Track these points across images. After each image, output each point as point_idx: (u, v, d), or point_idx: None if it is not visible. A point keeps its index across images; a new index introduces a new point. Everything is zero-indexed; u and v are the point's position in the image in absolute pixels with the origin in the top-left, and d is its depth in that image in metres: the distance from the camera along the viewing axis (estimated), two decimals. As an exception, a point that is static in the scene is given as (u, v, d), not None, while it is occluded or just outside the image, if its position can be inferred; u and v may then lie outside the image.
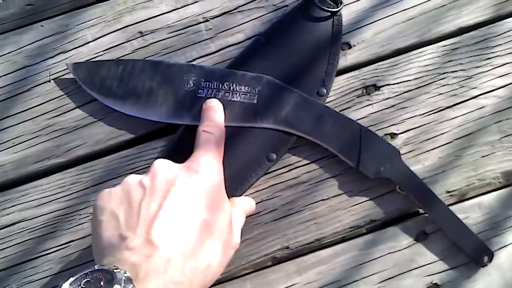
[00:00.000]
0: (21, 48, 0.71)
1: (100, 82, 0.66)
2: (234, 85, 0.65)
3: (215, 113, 0.62)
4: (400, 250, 0.62)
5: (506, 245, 0.61)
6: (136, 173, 0.63)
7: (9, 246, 0.65)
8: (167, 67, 0.66)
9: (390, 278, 0.61)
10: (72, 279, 0.45)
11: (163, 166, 0.54)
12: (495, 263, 0.60)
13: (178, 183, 0.52)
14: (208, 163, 0.56)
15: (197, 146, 0.58)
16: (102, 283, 0.44)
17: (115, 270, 0.44)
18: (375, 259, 0.62)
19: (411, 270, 0.61)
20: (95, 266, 0.45)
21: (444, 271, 0.61)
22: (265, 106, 0.64)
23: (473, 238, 0.60)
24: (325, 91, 0.65)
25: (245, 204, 0.61)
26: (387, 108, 0.66)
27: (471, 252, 0.60)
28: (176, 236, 0.49)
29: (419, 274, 0.61)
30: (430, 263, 0.61)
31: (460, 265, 0.61)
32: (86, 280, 0.45)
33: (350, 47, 0.68)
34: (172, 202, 0.51)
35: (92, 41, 0.70)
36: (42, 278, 0.64)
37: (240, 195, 0.63)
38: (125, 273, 0.44)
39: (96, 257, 0.52)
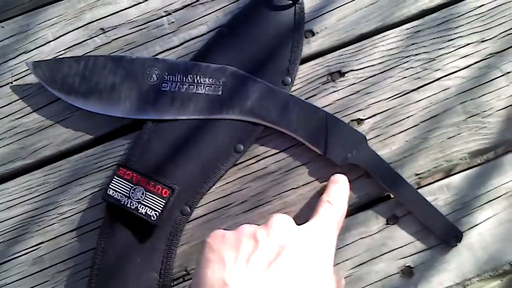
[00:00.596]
0: (-18, 50, 0.70)
1: (61, 80, 0.64)
2: (198, 77, 0.63)
3: (340, 187, 0.59)
4: (371, 235, 0.60)
5: (476, 225, 0.60)
6: (102, 172, 0.63)
7: (-20, 252, 0.63)
8: (129, 62, 0.64)
9: (362, 263, 0.60)
10: None
11: (281, 224, 0.52)
12: (466, 242, 0.59)
13: (291, 247, 0.50)
14: (325, 234, 0.53)
15: (316, 213, 0.55)
16: None
17: None
18: (347, 245, 0.60)
19: (384, 254, 0.60)
20: None
21: (417, 253, 0.60)
22: (230, 97, 0.63)
23: (442, 220, 0.59)
24: (289, 79, 0.64)
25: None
26: (352, 94, 0.64)
27: (441, 233, 0.59)
28: None
29: (391, 258, 0.60)
30: (402, 246, 0.60)
31: (432, 246, 0.60)
32: None
33: (313, 34, 0.67)
34: (281, 265, 0.48)
35: (53, 40, 0.69)
36: (15, 281, 0.62)
37: (209, 188, 0.62)
38: None
39: None
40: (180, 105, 0.63)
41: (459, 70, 0.64)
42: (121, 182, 0.60)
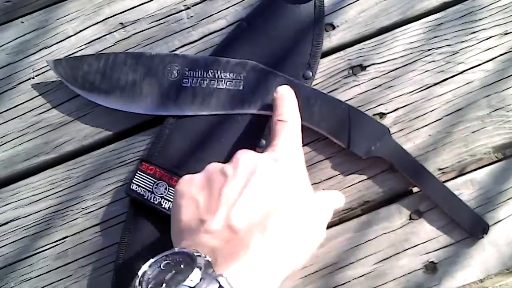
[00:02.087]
0: (3, 45, 0.66)
1: (82, 77, 0.61)
2: (219, 72, 0.60)
3: (286, 101, 0.56)
4: (394, 230, 0.58)
5: (500, 220, 0.57)
6: (125, 166, 0.61)
7: (4, 245, 0.61)
8: (149, 58, 0.61)
9: (386, 258, 0.57)
10: (152, 260, 0.43)
11: (245, 156, 0.49)
12: (490, 238, 0.57)
13: (258, 171, 0.47)
14: (287, 152, 0.51)
15: (274, 136, 0.53)
16: (182, 266, 0.41)
17: (195, 254, 0.40)
18: (370, 240, 0.58)
19: (407, 249, 0.57)
20: (176, 249, 0.42)
21: (440, 248, 0.57)
22: (251, 92, 0.60)
23: (468, 212, 0.56)
24: (310, 73, 0.61)
25: (334, 198, 0.55)
26: (374, 88, 0.61)
27: (467, 225, 0.56)
28: (256, 222, 0.45)
29: (415, 253, 0.57)
30: (425, 242, 0.57)
31: (456, 242, 0.57)
32: (166, 262, 0.42)
33: (333, 27, 0.63)
34: (252, 189, 0.46)
35: (73, 35, 0.65)
36: (39, 275, 0.60)
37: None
38: (205, 257, 0.41)
39: (175, 240, 0.48)
40: (202, 100, 0.60)
41: (482, 63, 0.61)
42: (144, 177, 0.58)
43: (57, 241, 0.61)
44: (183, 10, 0.65)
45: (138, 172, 0.58)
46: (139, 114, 0.61)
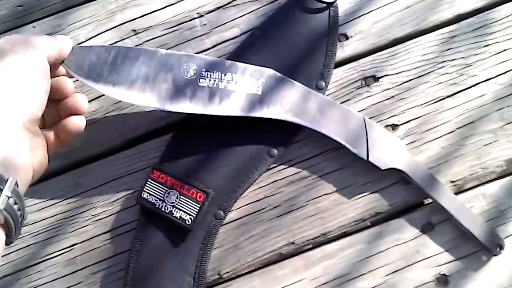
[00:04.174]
0: (14, 50, 0.65)
1: (88, 67, 0.57)
2: (237, 76, 0.59)
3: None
4: (406, 242, 0.58)
5: (512, 234, 0.58)
6: (136, 173, 0.62)
7: (14, 251, 0.61)
8: (164, 56, 0.58)
9: (397, 270, 0.57)
10: None
11: None
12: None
13: None
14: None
15: None
16: None
17: None
18: (381, 251, 0.58)
19: (418, 261, 0.57)
20: None
21: (452, 261, 0.57)
22: (270, 96, 0.59)
23: (484, 228, 0.56)
24: (323, 84, 0.61)
25: (41, 42, 0.52)
26: (387, 99, 0.61)
27: (483, 241, 0.56)
28: None
29: (426, 265, 0.57)
30: (437, 254, 0.57)
31: (468, 255, 0.57)
32: None
33: (347, 38, 0.63)
34: None
35: (85, 41, 0.65)
36: (48, 282, 0.60)
37: (242, 192, 0.59)
38: None
39: None
40: (219, 101, 0.58)
41: (495, 76, 0.61)
42: (155, 185, 0.58)
43: (66, 248, 0.60)
44: (196, 18, 0.65)
45: (149, 180, 0.58)
46: (150, 120, 0.61)
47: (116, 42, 0.65)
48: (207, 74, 0.58)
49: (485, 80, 0.61)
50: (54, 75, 0.54)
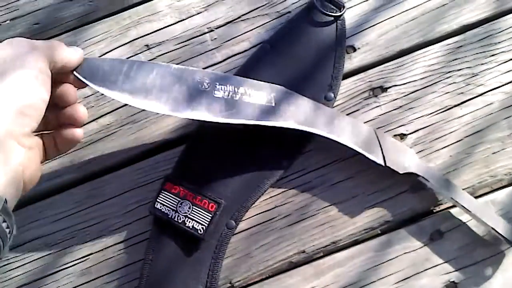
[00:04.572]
0: (31, 66, 0.67)
1: (102, 76, 0.55)
2: (249, 90, 0.59)
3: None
4: (415, 249, 0.58)
5: (522, 241, 0.58)
6: (149, 185, 0.62)
7: (30, 261, 0.62)
8: (178, 70, 0.58)
9: (406, 278, 0.58)
10: None
11: None
12: (511, 259, 0.57)
13: None
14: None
15: None
16: None
17: None
18: (391, 259, 0.58)
19: (428, 269, 0.58)
20: None
21: (461, 268, 0.57)
22: (283, 107, 0.59)
23: (507, 224, 0.56)
24: (332, 95, 0.62)
25: (47, 47, 0.51)
26: (395, 109, 0.62)
27: (508, 237, 0.55)
28: None
29: (435, 273, 0.57)
30: (446, 262, 0.58)
31: (477, 262, 0.57)
32: None
33: (355, 50, 0.64)
34: None
35: (100, 56, 0.67)
36: (64, 291, 0.61)
37: (253, 202, 0.60)
38: None
39: None
40: (236, 110, 0.58)
41: (502, 85, 0.62)
42: (168, 196, 0.59)
43: (81, 258, 0.61)
44: (207, 33, 0.67)
45: (162, 191, 0.59)
46: (162, 133, 0.63)
47: (130, 57, 0.67)
48: (221, 87, 0.58)
49: (492, 89, 0.62)
50: (64, 82, 0.53)
